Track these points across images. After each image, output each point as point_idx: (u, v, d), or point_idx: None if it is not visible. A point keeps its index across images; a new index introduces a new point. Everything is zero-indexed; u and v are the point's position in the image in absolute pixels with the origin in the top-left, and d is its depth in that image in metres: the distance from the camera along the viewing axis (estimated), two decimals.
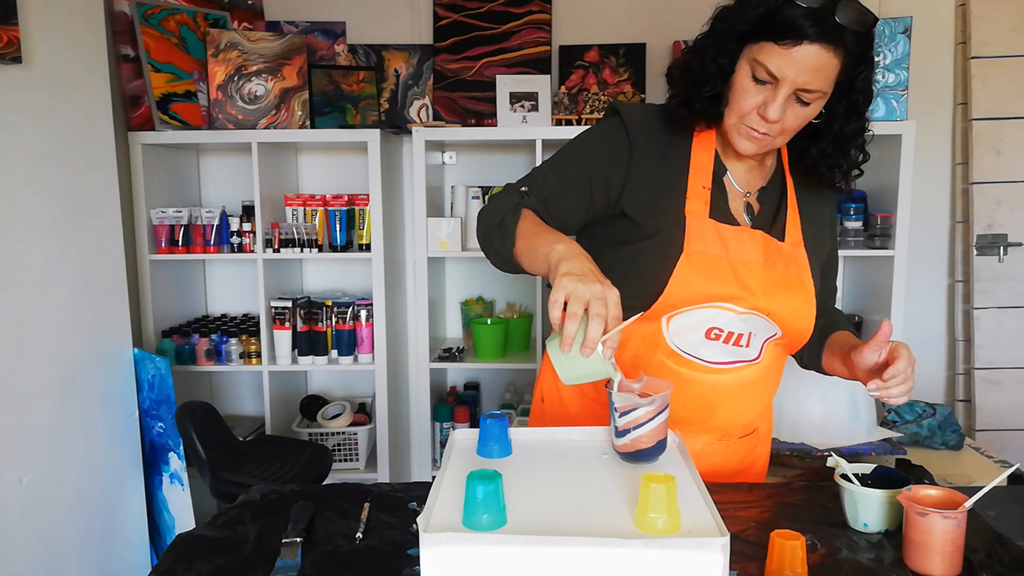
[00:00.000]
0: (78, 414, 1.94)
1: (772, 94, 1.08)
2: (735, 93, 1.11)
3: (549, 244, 1.02)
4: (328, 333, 2.59)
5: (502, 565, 0.72)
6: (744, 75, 1.10)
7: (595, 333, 0.89)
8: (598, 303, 0.90)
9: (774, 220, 1.24)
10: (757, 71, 1.08)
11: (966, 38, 2.61)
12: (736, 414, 1.25)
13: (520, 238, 1.11)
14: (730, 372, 1.20)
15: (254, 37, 2.53)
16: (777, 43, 1.04)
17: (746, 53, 1.09)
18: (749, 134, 1.13)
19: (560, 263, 0.97)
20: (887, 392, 1.06)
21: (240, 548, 1.02)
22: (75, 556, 1.92)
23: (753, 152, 1.16)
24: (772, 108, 1.08)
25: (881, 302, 2.49)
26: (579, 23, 2.73)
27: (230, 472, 1.97)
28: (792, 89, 1.06)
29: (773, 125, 1.10)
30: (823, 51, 1.04)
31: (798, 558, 0.87)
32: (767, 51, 1.05)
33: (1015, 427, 2.64)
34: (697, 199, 1.17)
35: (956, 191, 2.73)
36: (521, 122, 2.59)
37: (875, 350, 1.09)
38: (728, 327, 1.17)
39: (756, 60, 1.07)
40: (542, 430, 1.07)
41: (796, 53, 1.04)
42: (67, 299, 1.91)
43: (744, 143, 1.15)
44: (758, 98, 1.09)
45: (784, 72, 1.05)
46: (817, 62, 1.04)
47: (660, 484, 0.76)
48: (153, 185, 2.53)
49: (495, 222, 1.15)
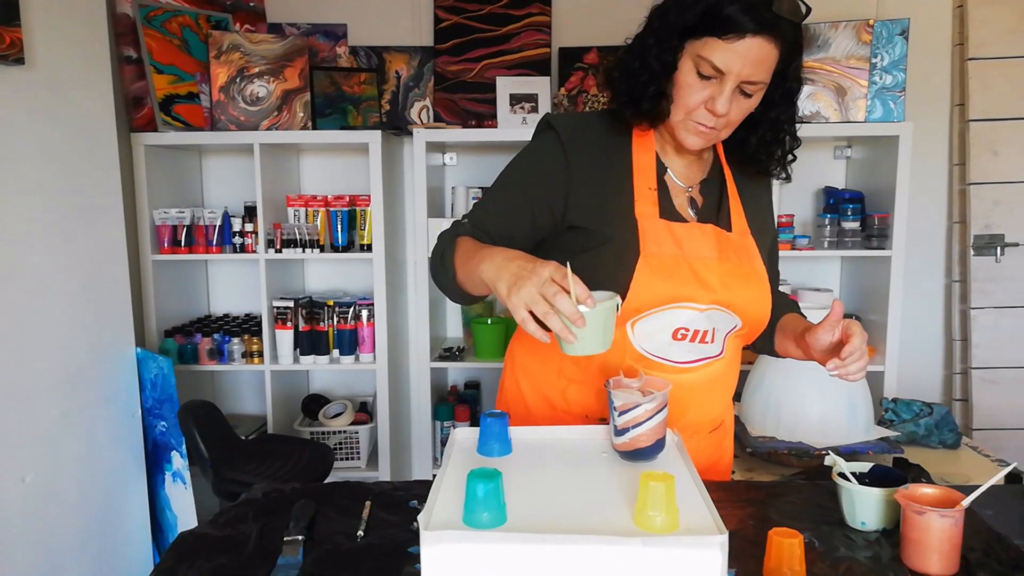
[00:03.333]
0: (81, 413, 1.95)
1: (719, 88, 1.09)
2: (680, 90, 1.12)
3: (478, 266, 1.03)
4: (330, 333, 2.60)
5: (502, 563, 0.73)
6: (688, 71, 1.10)
7: (567, 307, 0.89)
8: (547, 287, 0.90)
9: (718, 212, 1.26)
10: (702, 67, 1.09)
11: (963, 39, 2.62)
12: (705, 411, 1.27)
13: (458, 268, 1.11)
14: (697, 370, 1.21)
15: (256, 39, 2.53)
16: (720, 38, 1.05)
17: (688, 49, 1.10)
18: (696, 129, 1.14)
19: (496, 283, 0.97)
20: (845, 370, 1.07)
21: (242, 546, 1.03)
22: (77, 554, 1.92)
23: (700, 147, 1.17)
24: (720, 102, 1.09)
25: (878, 302, 2.50)
26: (579, 25, 2.74)
27: (232, 471, 1.98)
28: (737, 82, 1.08)
29: (720, 119, 1.11)
30: (765, 43, 1.06)
31: (796, 556, 0.87)
32: (711, 46, 1.07)
33: (1012, 426, 2.65)
34: (645, 200, 1.18)
35: (953, 192, 2.73)
36: (521, 123, 2.60)
37: (828, 330, 1.11)
38: (693, 325, 1.18)
39: (700, 56, 1.08)
40: (542, 429, 1.07)
41: (740, 47, 1.05)
42: (70, 299, 1.92)
43: (691, 138, 1.15)
44: (704, 93, 1.10)
45: (730, 66, 1.06)
46: (760, 54, 1.06)
47: (659, 482, 0.76)
48: (156, 186, 2.53)
49: (437, 258, 1.16)
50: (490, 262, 1.00)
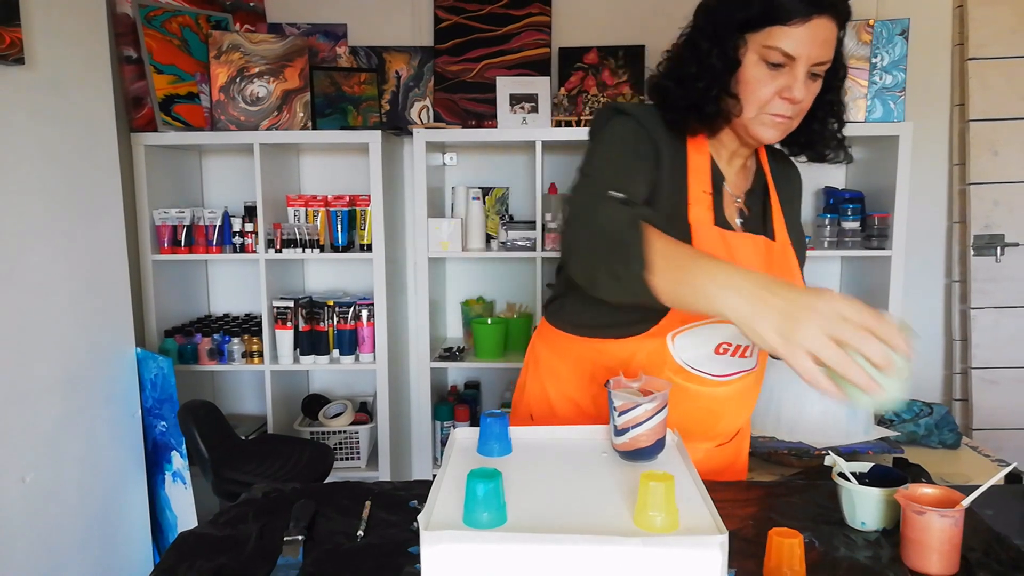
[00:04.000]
0: (81, 413, 1.95)
1: (790, 75, 1.06)
2: (748, 84, 1.09)
3: (702, 285, 0.83)
4: (330, 333, 2.60)
5: (502, 563, 0.73)
6: (754, 64, 1.08)
7: (880, 355, 0.72)
8: (842, 328, 0.73)
9: (763, 221, 1.24)
10: (770, 56, 1.06)
11: (963, 39, 2.62)
12: (736, 420, 1.28)
13: (659, 272, 0.88)
14: (733, 383, 1.21)
15: (256, 39, 2.53)
16: (786, 24, 1.03)
17: (750, 43, 1.07)
18: (773, 121, 1.11)
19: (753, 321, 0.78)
20: None
21: (242, 546, 1.02)
22: (77, 554, 1.92)
23: (777, 139, 1.14)
24: (797, 87, 1.07)
25: (879, 302, 2.50)
26: (579, 25, 2.74)
27: (232, 471, 1.98)
28: (808, 65, 1.06)
29: (796, 106, 1.09)
30: (827, 21, 1.05)
31: (796, 556, 0.87)
32: (776, 34, 1.04)
33: (1012, 426, 2.65)
34: (699, 204, 1.13)
35: (953, 192, 2.73)
36: (521, 123, 2.60)
37: None
38: (736, 340, 1.16)
39: (766, 46, 1.05)
40: (542, 429, 1.07)
41: (807, 29, 1.04)
42: (70, 299, 1.92)
43: (769, 131, 1.12)
44: (775, 83, 1.08)
45: (799, 50, 1.04)
46: (825, 34, 1.05)
47: (659, 482, 0.76)
48: (156, 186, 2.53)
49: (607, 240, 0.95)
50: (728, 288, 0.81)
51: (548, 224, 2.53)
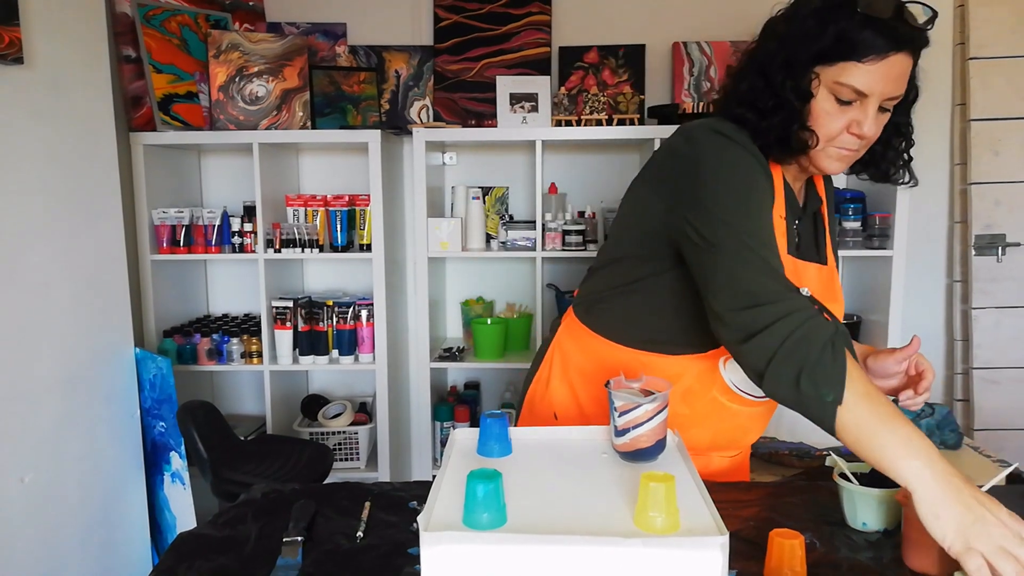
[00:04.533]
0: (80, 413, 1.94)
1: (861, 111, 1.04)
2: (819, 118, 1.06)
3: (895, 458, 0.89)
4: (329, 333, 2.59)
5: (502, 564, 0.72)
6: (825, 98, 1.05)
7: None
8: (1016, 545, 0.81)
9: (815, 246, 1.24)
10: (841, 92, 1.03)
11: (964, 39, 2.62)
12: (758, 434, 1.33)
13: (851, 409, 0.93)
14: (768, 401, 1.23)
15: (255, 38, 2.53)
16: (860, 61, 1.01)
17: (823, 76, 1.04)
18: (840, 155, 1.09)
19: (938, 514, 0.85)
20: (913, 401, 1.17)
21: (241, 547, 1.02)
22: (76, 555, 1.92)
23: (841, 171, 1.13)
24: (868, 125, 1.05)
25: (880, 302, 2.50)
26: (579, 24, 2.74)
27: (231, 471, 1.98)
28: (880, 100, 1.04)
29: (863, 140, 1.07)
30: (903, 57, 1.02)
31: (797, 557, 0.87)
32: (849, 71, 1.02)
33: (1013, 427, 2.65)
34: (776, 230, 1.09)
35: (955, 191, 2.73)
36: (521, 123, 2.59)
37: (899, 360, 1.16)
38: None
39: (838, 83, 1.03)
40: (542, 429, 1.07)
41: (881, 67, 1.01)
42: (69, 299, 1.91)
43: (835, 164, 1.11)
44: (845, 118, 1.05)
45: (873, 88, 1.02)
46: (900, 70, 1.02)
47: (659, 483, 0.76)
48: (155, 185, 2.53)
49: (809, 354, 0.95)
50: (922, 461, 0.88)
51: (548, 224, 2.53)
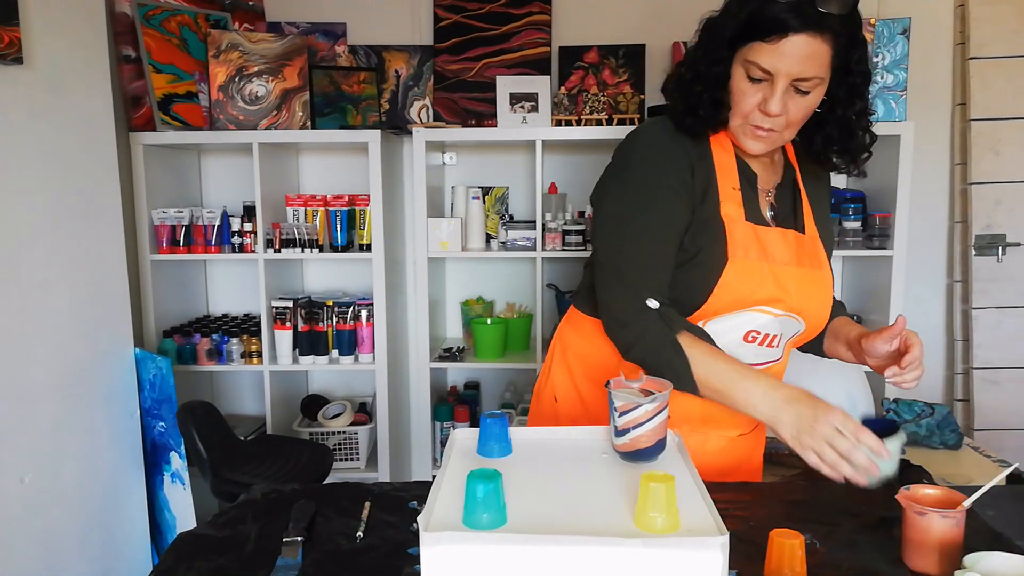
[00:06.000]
0: (79, 414, 1.94)
1: (770, 89, 1.11)
2: (734, 96, 1.15)
3: (738, 397, 1.10)
4: (329, 333, 2.59)
5: (502, 564, 0.72)
6: (739, 77, 1.13)
7: (864, 462, 0.99)
8: (838, 441, 1.00)
9: (793, 215, 1.28)
10: (751, 71, 1.11)
11: (965, 39, 2.61)
12: None
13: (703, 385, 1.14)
14: None
15: (255, 38, 2.53)
16: (764, 40, 1.08)
17: (738, 57, 1.13)
18: (755, 133, 1.16)
19: (775, 425, 1.07)
20: (902, 378, 1.15)
21: (241, 547, 1.02)
22: (76, 555, 1.92)
23: (762, 151, 1.19)
24: (772, 103, 1.11)
25: (880, 302, 2.50)
26: (579, 24, 2.74)
27: (231, 471, 1.98)
28: (788, 81, 1.10)
29: (777, 119, 1.13)
30: (810, 39, 1.07)
31: (797, 557, 0.87)
32: (756, 50, 1.09)
33: (1013, 427, 2.65)
34: (730, 200, 1.19)
35: (955, 191, 2.73)
36: (521, 123, 2.59)
37: (887, 340, 1.16)
38: (764, 329, 1.21)
39: (748, 60, 1.11)
40: (542, 429, 1.07)
41: (784, 46, 1.07)
42: (69, 299, 1.91)
43: (751, 143, 1.18)
44: (756, 96, 1.13)
45: (776, 66, 1.09)
46: (807, 51, 1.08)
47: (659, 483, 0.76)
48: (154, 185, 2.53)
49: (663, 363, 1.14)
50: (758, 397, 1.09)
51: (548, 224, 2.53)
